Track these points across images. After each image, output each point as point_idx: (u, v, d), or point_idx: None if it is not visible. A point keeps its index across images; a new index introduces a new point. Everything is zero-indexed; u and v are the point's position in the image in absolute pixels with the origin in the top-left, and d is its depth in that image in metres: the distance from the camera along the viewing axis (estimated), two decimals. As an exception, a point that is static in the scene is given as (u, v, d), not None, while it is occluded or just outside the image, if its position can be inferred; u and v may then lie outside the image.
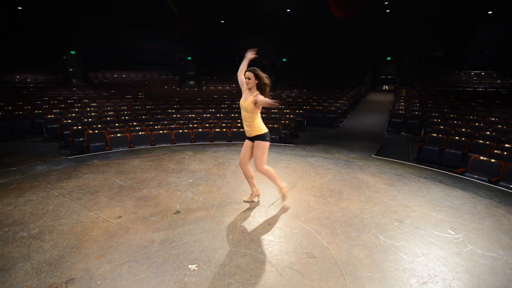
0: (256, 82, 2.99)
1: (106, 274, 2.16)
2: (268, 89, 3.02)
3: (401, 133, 9.73)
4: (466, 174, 4.96)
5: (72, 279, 2.11)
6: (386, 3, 16.73)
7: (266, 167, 3.16)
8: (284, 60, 21.92)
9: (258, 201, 3.52)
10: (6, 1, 14.53)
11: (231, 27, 20.31)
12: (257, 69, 3.03)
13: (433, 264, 2.35)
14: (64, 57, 17.96)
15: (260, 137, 3.08)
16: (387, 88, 20.04)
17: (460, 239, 2.74)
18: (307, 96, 14.52)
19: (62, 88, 13.74)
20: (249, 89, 3.05)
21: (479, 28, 16.78)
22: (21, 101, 10.39)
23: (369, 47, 19.06)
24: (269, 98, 2.95)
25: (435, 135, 6.98)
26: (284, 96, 14.97)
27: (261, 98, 2.89)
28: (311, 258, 2.39)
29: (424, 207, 3.42)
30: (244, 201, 3.48)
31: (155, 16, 18.01)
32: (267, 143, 3.13)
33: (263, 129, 3.10)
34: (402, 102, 12.47)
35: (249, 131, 3.11)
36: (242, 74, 3.11)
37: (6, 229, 2.81)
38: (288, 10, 18.50)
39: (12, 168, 4.86)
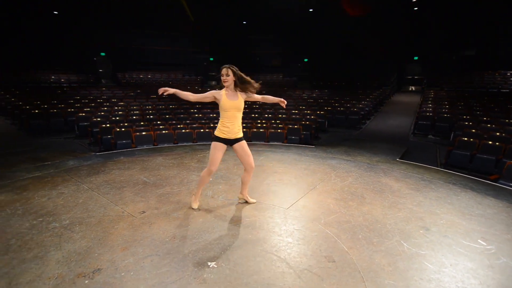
0: (234, 79, 2.93)
1: (130, 266, 2.25)
2: (250, 87, 2.97)
3: (428, 136, 9.29)
4: (500, 181, 4.65)
5: (98, 269, 2.22)
6: (414, 0, 16.05)
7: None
8: (306, 60, 21.68)
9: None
10: (43, 6, 15.55)
11: (252, 28, 20.42)
12: (233, 66, 2.97)
13: (462, 276, 2.23)
14: (95, 59, 18.97)
15: (243, 138, 3.13)
16: (413, 89, 19.21)
17: (492, 251, 2.57)
18: (328, 97, 14.27)
19: (92, 88, 14.49)
20: (227, 87, 2.96)
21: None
22: (56, 100, 11.07)
23: (394, 46, 18.40)
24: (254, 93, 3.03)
25: (466, 139, 6.60)
26: (305, 96, 14.81)
27: (256, 95, 3.05)
28: (330, 262, 2.35)
29: (452, 215, 3.24)
30: (192, 208, 3.28)
31: (180, 19, 18.51)
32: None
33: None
34: (430, 103, 11.91)
35: (237, 132, 3.04)
36: (263, 99, 3.13)
37: (41, 219, 3.01)
38: (311, 10, 18.28)
39: (46, 163, 5.20)
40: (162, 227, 2.86)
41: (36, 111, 9.24)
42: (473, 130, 7.37)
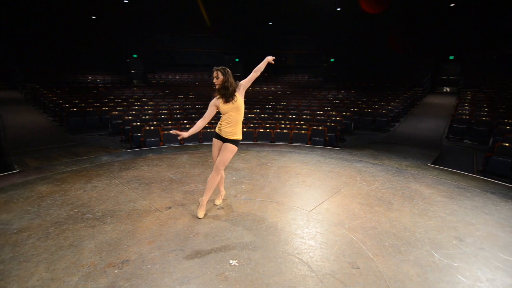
0: (224, 80, 2.90)
1: (156, 259, 2.34)
2: (231, 89, 2.92)
3: (464, 141, 8.70)
4: (548, 192, 4.23)
5: (127, 260, 2.34)
6: None
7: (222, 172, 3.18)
8: (332, 60, 21.23)
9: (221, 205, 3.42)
10: (82, 12, 16.64)
11: (278, 28, 20.37)
12: (222, 67, 2.96)
13: (500, 292, 2.07)
14: (128, 60, 19.96)
15: (235, 142, 3.02)
16: (448, 90, 18.07)
17: (537, 267, 2.36)
18: (355, 98, 13.85)
19: (125, 88, 15.26)
20: (219, 89, 2.95)
21: None
22: (92, 99, 11.80)
23: (428, 44, 17.42)
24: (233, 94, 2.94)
25: (507, 144, 6.09)
26: (330, 97, 14.51)
27: (244, 82, 3.07)
28: (354, 269, 2.28)
29: (490, 226, 3.02)
30: (215, 204, 3.38)
31: (205, 20, 18.92)
32: (236, 148, 3.06)
33: (240, 135, 3.08)
34: (466, 106, 11.15)
35: (231, 134, 2.99)
36: (256, 73, 3.16)
37: (77, 210, 3.23)
38: (339, 9, 17.86)
39: (83, 158, 5.56)
40: (186, 223, 2.95)
41: (74, 109, 9.90)
42: (516, 135, 6.78)
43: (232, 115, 2.97)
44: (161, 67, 20.27)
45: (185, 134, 2.83)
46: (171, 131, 2.92)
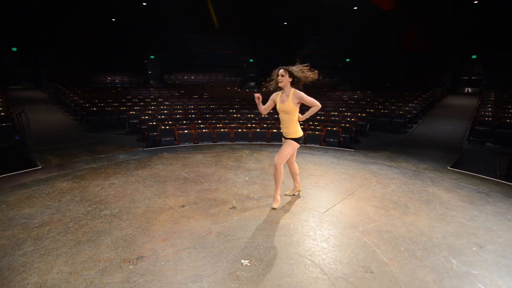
0: (290, 80, 3.00)
1: (169, 256, 2.39)
2: (301, 82, 3.06)
3: (486, 144, 8.33)
4: None
5: (141, 256, 2.40)
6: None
7: (296, 166, 3.46)
8: (348, 60, 20.89)
9: (299, 195, 3.72)
10: (102, 14, 17.20)
11: (293, 28, 20.25)
12: (289, 67, 3.05)
13: (523, 303, 1.97)
14: (145, 61, 20.47)
15: (295, 139, 3.17)
16: (470, 90, 17.36)
17: None
18: (371, 98, 13.57)
19: (142, 88, 15.67)
20: (283, 88, 3.07)
21: None
22: (110, 99, 12.19)
23: (449, 43, 16.80)
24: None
25: (534, 148, 5.79)
26: (345, 97, 14.28)
27: (306, 98, 2.99)
28: (368, 273, 2.24)
29: (513, 233, 2.87)
30: (286, 194, 3.68)
31: (220, 21, 19.09)
32: (298, 145, 3.22)
33: (299, 133, 3.18)
34: (489, 107, 10.68)
35: (287, 132, 3.18)
36: (267, 109, 3.27)
37: (95, 206, 3.34)
38: (355, 8, 17.55)
39: (101, 155, 5.75)
40: (199, 221, 2.99)
41: (94, 108, 10.26)
42: (544, 139, 6.43)
43: (282, 116, 3.16)
44: (177, 68, 20.64)
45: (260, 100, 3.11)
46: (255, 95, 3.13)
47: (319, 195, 3.76)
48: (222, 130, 7.75)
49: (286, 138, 3.24)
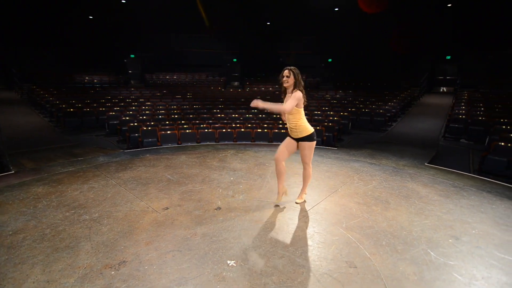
0: (294, 81, 3.03)
1: (153, 260, 2.34)
2: (301, 87, 3.04)
3: (461, 140, 8.75)
4: (543, 190, 4.27)
5: (124, 261, 2.33)
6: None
7: (283, 165, 3.31)
8: (330, 60, 21.28)
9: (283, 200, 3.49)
10: (79, 11, 16.55)
11: (276, 28, 20.37)
12: (296, 68, 3.07)
13: (495, 290, 2.08)
14: (125, 60, 19.89)
15: (308, 138, 3.12)
16: (445, 90, 18.17)
17: (532, 265, 2.37)
18: (353, 98, 13.90)
19: (122, 88, 15.21)
20: (287, 88, 3.10)
21: None
22: (89, 99, 11.74)
23: (425, 45, 17.50)
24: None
25: (503, 143, 6.14)
26: (328, 97, 14.54)
27: (298, 93, 2.94)
28: (351, 268, 2.29)
29: (486, 225, 3.04)
30: (276, 205, 3.43)
31: (203, 20, 18.89)
32: (314, 142, 3.19)
33: (309, 129, 3.12)
34: (463, 105, 11.21)
35: (296, 133, 3.14)
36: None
37: (73, 211, 3.21)
38: (336, 9, 17.91)
39: (79, 158, 5.53)
40: (184, 223, 2.94)
41: (71, 109, 9.85)
42: (512, 135, 6.84)
43: (286, 116, 3.18)
44: (159, 67, 20.19)
45: (262, 105, 2.89)
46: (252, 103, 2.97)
47: (306, 194, 3.80)
48: (206, 130, 7.67)
49: (299, 140, 3.16)
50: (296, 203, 3.44)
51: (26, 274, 2.16)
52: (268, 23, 20.32)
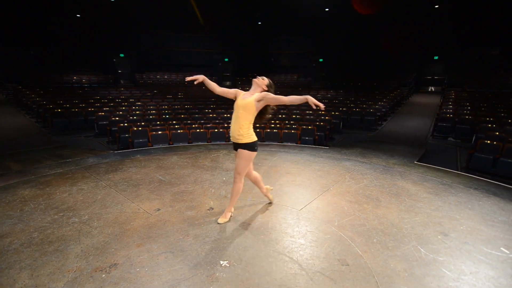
0: (264, 87, 2.84)
1: (145, 262, 2.31)
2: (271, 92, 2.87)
3: (448, 139, 8.95)
4: (526, 187, 4.41)
5: (115, 264, 2.29)
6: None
7: (255, 173, 3.14)
8: (321, 60, 21.45)
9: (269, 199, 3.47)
10: (66, 9, 16.19)
11: (267, 28, 20.41)
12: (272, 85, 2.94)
13: (482, 285, 2.14)
14: (114, 60, 19.54)
15: (248, 146, 2.77)
16: (433, 89, 18.57)
17: (517, 260, 2.45)
18: (344, 97, 14.05)
19: (111, 88, 14.94)
20: (252, 86, 2.89)
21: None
22: (77, 99, 11.50)
23: (413, 45, 17.85)
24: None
25: (489, 141, 6.31)
26: (319, 96, 14.65)
27: (271, 95, 2.71)
28: (343, 266, 2.31)
29: (473, 221, 3.12)
30: (270, 203, 3.46)
31: (197, 20, 18.77)
32: (254, 153, 2.85)
33: (253, 136, 2.79)
34: (450, 104, 11.48)
35: (237, 137, 2.77)
36: (288, 99, 2.70)
37: (62, 214, 3.14)
38: (327, 10, 18.06)
39: (68, 160, 5.41)
40: (176, 225, 2.91)
41: (59, 110, 9.62)
42: (497, 133, 7.04)
43: (237, 113, 2.78)
44: (149, 67, 19.93)
45: (200, 78, 2.83)
46: (187, 78, 2.86)
47: (296, 193, 3.82)
48: (198, 130, 7.61)
49: (238, 145, 2.81)
50: (218, 223, 2.93)
51: (13, 279, 2.10)
52: (260, 23, 20.34)
